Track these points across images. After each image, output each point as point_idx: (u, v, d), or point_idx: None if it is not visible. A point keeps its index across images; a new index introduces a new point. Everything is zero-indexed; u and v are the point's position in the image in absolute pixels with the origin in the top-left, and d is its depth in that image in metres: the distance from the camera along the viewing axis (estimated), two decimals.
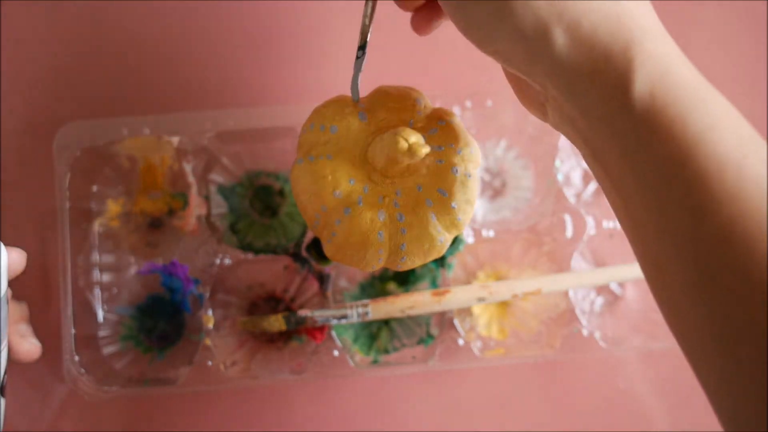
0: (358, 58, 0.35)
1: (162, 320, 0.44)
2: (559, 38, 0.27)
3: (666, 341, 0.44)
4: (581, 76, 0.27)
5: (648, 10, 0.28)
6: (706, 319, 0.26)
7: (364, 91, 0.36)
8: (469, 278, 0.45)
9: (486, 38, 0.29)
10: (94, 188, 0.44)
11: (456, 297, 0.41)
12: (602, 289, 0.46)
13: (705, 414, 0.27)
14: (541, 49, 0.27)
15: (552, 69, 0.28)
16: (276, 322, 0.41)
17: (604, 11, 0.27)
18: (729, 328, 0.25)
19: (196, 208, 0.43)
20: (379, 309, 0.40)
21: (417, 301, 0.40)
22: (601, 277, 0.43)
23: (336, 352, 0.43)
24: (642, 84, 0.26)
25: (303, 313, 0.41)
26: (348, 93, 0.36)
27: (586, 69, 0.27)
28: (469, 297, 0.41)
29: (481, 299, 0.41)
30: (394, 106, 0.36)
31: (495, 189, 0.46)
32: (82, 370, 0.42)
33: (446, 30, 0.37)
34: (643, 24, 0.27)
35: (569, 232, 0.45)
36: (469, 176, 0.37)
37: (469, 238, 0.44)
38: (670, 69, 0.27)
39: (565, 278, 0.42)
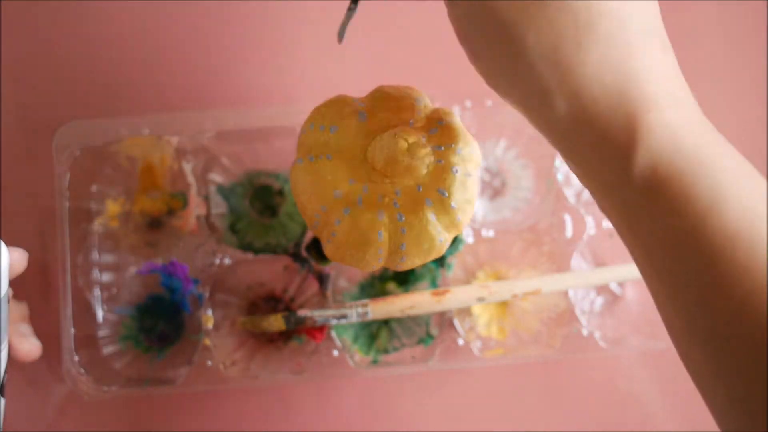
0: (349, 9, 0.35)
1: (162, 320, 0.44)
2: (560, 106, 0.26)
3: (665, 341, 0.44)
4: (582, 145, 0.27)
5: (661, 70, 0.26)
6: (726, 390, 0.25)
7: (364, 91, 0.36)
8: (469, 278, 0.45)
9: (498, 90, 0.29)
10: (94, 188, 0.44)
11: (456, 297, 0.41)
12: (602, 289, 0.46)
13: (705, 413, 0.27)
14: (545, 114, 0.27)
15: (555, 134, 0.27)
16: (276, 322, 0.41)
17: (607, 82, 0.26)
18: (749, 402, 0.25)
19: (195, 207, 0.43)
20: (379, 309, 0.40)
21: (417, 301, 0.40)
22: (601, 277, 0.43)
23: (336, 352, 0.43)
24: (643, 158, 0.25)
25: (302, 313, 0.41)
26: (348, 93, 0.36)
27: (586, 139, 0.26)
28: (468, 297, 0.41)
29: (480, 299, 0.41)
30: (394, 106, 0.36)
31: (495, 189, 0.46)
32: (82, 370, 0.41)
33: (446, 30, 0.37)
34: (651, 90, 0.26)
35: (569, 232, 0.45)
36: (469, 176, 0.37)
37: (468, 237, 0.44)
38: (674, 140, 0.26)
39: (565, 278, 0.42)
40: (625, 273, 0.43)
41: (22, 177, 0.46)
